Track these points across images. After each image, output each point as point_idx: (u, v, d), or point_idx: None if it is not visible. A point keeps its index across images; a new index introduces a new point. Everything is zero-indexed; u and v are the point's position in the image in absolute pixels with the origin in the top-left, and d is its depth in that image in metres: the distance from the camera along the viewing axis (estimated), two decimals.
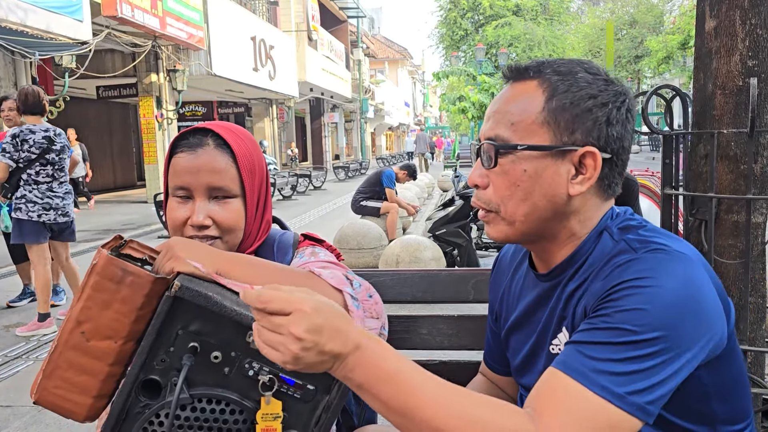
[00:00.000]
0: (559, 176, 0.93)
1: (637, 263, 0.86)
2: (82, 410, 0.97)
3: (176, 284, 0.90)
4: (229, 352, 0.93)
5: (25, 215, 4.34)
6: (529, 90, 0.95)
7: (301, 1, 22.92)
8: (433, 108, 76.25)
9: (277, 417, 0.94)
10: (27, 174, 4.36)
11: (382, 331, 1.09)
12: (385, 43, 53.38)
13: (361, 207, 7.86)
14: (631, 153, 1.00)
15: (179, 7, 12.97)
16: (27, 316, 4.87)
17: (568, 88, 0.93)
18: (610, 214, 0.98)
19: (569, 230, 0.97)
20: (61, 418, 3.14)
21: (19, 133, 4.29)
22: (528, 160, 0.93)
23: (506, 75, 0.99)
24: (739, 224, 1.85)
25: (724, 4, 1.83)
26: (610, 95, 0.93)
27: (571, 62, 0.96)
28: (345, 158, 33.39)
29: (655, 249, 0.87)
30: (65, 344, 0.94)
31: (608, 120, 0.92)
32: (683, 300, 0.81)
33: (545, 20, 28.75)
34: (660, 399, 0.80)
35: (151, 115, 13.97)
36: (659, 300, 0.81)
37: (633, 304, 0.82)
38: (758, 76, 1.79)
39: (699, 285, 0.84)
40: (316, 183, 18.50)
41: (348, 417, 1.33)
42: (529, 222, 0.96)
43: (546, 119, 0.92)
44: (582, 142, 0.92)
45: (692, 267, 0.85)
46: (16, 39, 8.68)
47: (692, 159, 1.96)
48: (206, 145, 1.16)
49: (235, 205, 1.17)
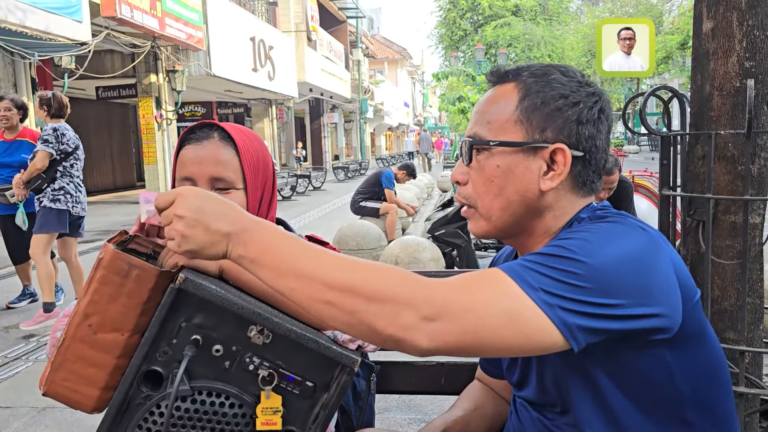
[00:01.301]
0: (531, 172, 0.96)
1: (588, 226, 0.91)
2: (90, 402, 0.99)
3: (180, 277, 0.92)
4: (230, 346, 0.95)
5: (64, 205, 4.61)
6: (507, 91, 1.00)
7: (300, 2, 22.92)
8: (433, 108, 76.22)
9: (276, 411, 0.95)
10: (63, 166, 4.63)
11: None
12: (385, 44, 53.38)
13: (361, 207, 7.86)
14: (630, 153, 1.01)
15: (178, 8, 12.96)
16: (27, 317, 4.87)
17: (540, 88, 0.97)
18: (586, 208, 1.00)
19: (544, 225, 1.00)
20: (61, 419, 3.14)
21: (59, 127, 4.59)
22: (501, 156, 0.97)
23: (489, 78, 1.04)
24: (736, 225, 1.86)
25: (722, 5, 1.83)
26: (582, 95, 0.97)
27: (548, 66, 1.01)
28: (344, 159, 33.37)
29: (612, 221, 0.91)
30: (73, 337, 0.96)
31: (579, 119, 0.96)
32: (627, 257, 0.84)
33: (544, 20, 28.73)
34: (580, 329, 0.80)
35: (150, 116, 13.96)
36: (604, 246, 0.84)
37: (578, 237, 0.86)
38: (755, 77, 1.80)
39: (650, 254, 0.86)
40: (316, 183, 18.51)
41: (347, 419, 1.34)
42: (504, 217, 0.99)
43: (519, 117, 0.97)
44: (553, 140, 0.96)
45: (650, 239, 0.88)
46: (16, 40, 8.67)
47: (690, 160, 1.96)
48: (211, 138, 1.21)
49: (236, 196, 1.20)
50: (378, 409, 1.46)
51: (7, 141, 4.78)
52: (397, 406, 3.13)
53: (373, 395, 1.41)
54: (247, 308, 0.93)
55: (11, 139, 4.78)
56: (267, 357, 0.95)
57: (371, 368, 1.38)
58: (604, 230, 0.88)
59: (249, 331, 0.94)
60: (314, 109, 29.51)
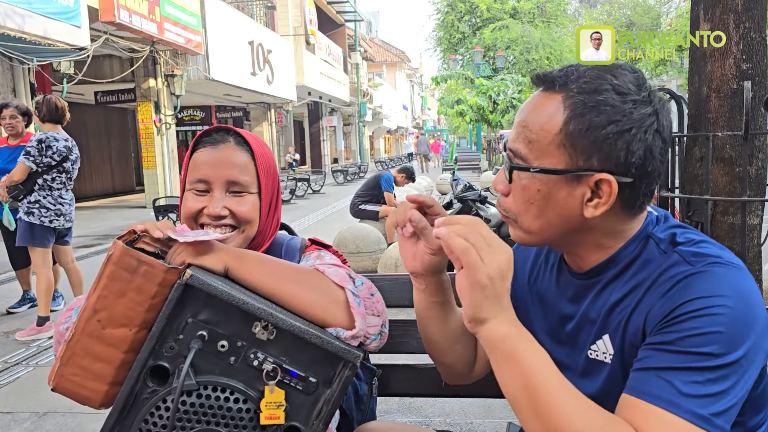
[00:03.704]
0: (574, 199, 0.92)
1: (698, 280, 0.86)
2: (98, 397, 1.00)
3: (188, 272, 0.95)
4: (235, 342, 0.97)
5: (37, 220, 4.47)
6: (552, 105, 0.92)
7: (298, 6, 22.94)
8: (432, 111, 76.21)
9: (280, 405, 0.97)
10: (43, 179, 4.50)
11: (383, 329, 1.11)
12: (383, 47, 53.42)
13: (360, 210, 7.86)
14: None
15: (177, 12, 12.97)
16: (27, 322, 4.86)
17: (588, 111, 0.89)
18: (650, 221, 0.97)
19: (594, 241, 0.97)
20: (62, 423, 3.14)
21: (45, 138, 4.43)
22: (542, 181, 0.92)
23: (534, 82, 0.98)
24: (735, 226, 1.86)
25: (719, 8, 1.84)
26: (635, 119, 0.89)
27: (601, 77, 0.91)
28: (343, 162, 33.36)
29: (712, 263, 0.88)
30: (82, 332, 0.97)
31: (629, 147, 0.88)
32: (750, 316, 0.84)
33: (542, 23, 28.78)
34: (733, 415, 0.83)
35: (149, 120, 13.97)
36: (731, 320, 0.82)
37: (707, 327, 0.82)
38: (752, 79, 1.80)
39: (757, 296, 0.86)
40: (315, 187, 18.49)
41: (348, 422, 1.34)
42: (545, 234, 0.97)
43: (563, 141, 0.90)
44: (598, 168, 0.89)
45: (747, 278, 0.88)
46: (14, 45, 8.67)
47: (688, 161, 1.97)
48: (227, 142, 1.23)
49: (250, 199, 1.22)
50: (378, 411, 1.46)
51: (11, 147, 4.78)
52: (398, 408, 3.14)
53: (375, 399, 1.41)
54: (252, 304, 0.96)
55: (15, 144, 4.77)
56: (271, 353, 0.97)
57: (373, 372, 1.38)
58: (721, 300, 0.83)
59: (254, 327, 0.97)
60: (313, 112, 29.52)
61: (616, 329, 0.95)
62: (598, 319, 0.98)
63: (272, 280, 1.03)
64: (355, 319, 1.03)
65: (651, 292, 0.90)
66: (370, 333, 1.07)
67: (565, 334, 1.05)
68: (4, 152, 4.78)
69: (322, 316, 1.02)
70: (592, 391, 0.96)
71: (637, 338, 0.90)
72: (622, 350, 0.94)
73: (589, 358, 0.99)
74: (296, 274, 1.07)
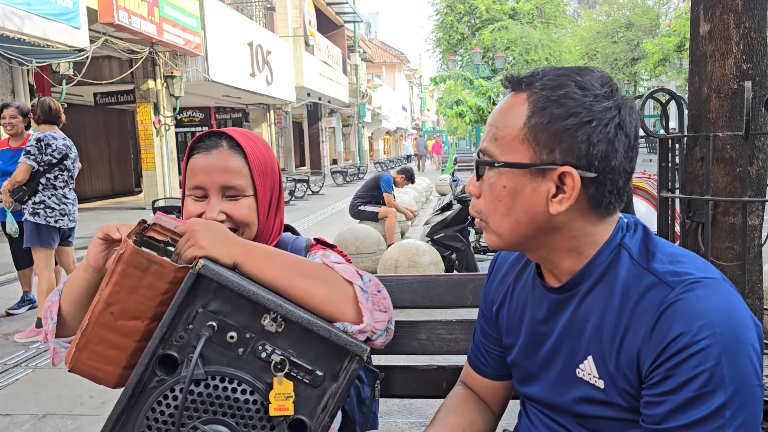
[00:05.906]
0: (539, 194, 0.92)
1: (683, 308, 0.85)
2: (113, 378, 1.05)
3: (200, 262, 0.97)
4: (244, 333, 0.99)
5: (42, 220, 4.50)
6: (519, 103, 0.94)
7: (297, 7, 22.95)
8: (431, 112, 76.26)
9: (289, 397, 0.98)
10: (46, 178, 4.52)
11: (389, 326, 1.13)
12: (382, 48, 53.45)
13: (360, 212, 7.86)
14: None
15: (176, 14, 12.98)
16: (26, 323, 4.86)
17: (550, 105, 0.90)
18: (620, 227, 0.96)
19: (566, 243, 0.96)
20: (62, 426, 3.13)
21: (43, 137, 4.45)
22: (507, 177, 0.93)
23: (504, 85, 0.99)
24: (735, 227, 1.86)
25: (718, 8, 1.84)
26: (596, 111, 0.89)
27: (565, 75, 0.92)
28: (343, 163, 33.38)
29: (691, 282, 0.87)
30: (96, 322, 1.01)
31: (590, 139, 0.89)
32: (742, 338, 0.83)
33: (541, 24, 28.80)
34: None
35: (148, 122, 13.96)
36: (727, 351, 0.82)
37: (706, 363, 0.83)
38: (753, 79, 1.80)
39: (744, 311, 0.86)
40: (314, 188, 18.49)
41: (350, 423, 1.34)
42: (515, 235, 0.96)
43: (526, 136, 0.91)
44: (561, 161, 0.90)
45: (729, 293, 0.87)
46: (13, 46, 8.67)
47: (688, 162, 1.97)
48: (220, 147, 1.23)
49: (247, 202, 1.23)
50: (379, 413, 1.46)
51: (13, 149, 4.79)
52: (399, 410, 3.13)
53: (377, 402, 1.41)
54: (261, 295, 0.98)
55: (16, 147, 4.78)
56: (279, 345, 0.99)
57: (375, 375, 1.38)
58: (711, 330, 0.83)
59: (263, 319, 0.98)
60: (312, 113, 29.53)
61: (604, 354, 0.93)
62: (581, 337, 0.97)
63: (281, 273, 1.04)
64: (363, 314, 1.05)
65: (637, 320, 0.89)
66: (377, 328, 1.08)
67: (545, 352, 1.03)
68: (5, 154, 4.79)
69: (330, 310, 1.03)
70: (583, 408, 0.97)
71: (633, 372, 0.90)
72: (614, 376, 0.93)
73: (577, 377, 0.98)
74: (305, 268, 1.08)
